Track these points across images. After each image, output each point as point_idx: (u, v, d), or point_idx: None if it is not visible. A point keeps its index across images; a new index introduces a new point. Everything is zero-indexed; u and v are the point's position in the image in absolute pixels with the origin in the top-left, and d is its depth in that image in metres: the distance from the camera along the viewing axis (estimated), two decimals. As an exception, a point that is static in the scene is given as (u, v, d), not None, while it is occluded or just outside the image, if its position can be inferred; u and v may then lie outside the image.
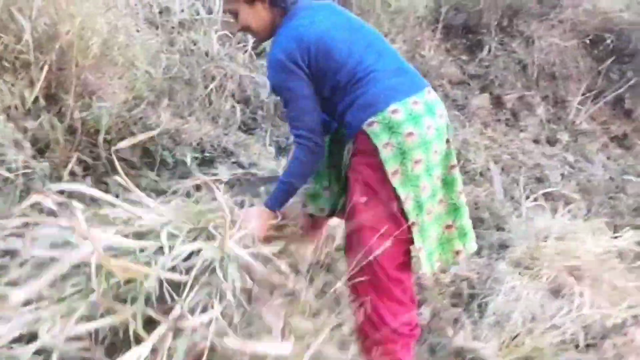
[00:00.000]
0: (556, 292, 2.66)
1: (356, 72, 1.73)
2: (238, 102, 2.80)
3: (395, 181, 1.70)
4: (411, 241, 1.80)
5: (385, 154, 1.69)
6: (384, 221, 1.73)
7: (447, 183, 1.85)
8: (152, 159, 2.26)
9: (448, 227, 1.87)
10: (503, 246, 2.90)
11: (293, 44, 1.70)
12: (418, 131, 1.72)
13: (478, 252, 2.87)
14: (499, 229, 3.17)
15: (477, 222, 3.19)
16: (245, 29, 1.82)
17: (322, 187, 2.04)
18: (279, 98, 1.81)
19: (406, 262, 1.86)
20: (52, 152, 1.77)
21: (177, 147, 2.32)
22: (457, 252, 1.90)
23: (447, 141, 1.82)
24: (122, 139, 2.14)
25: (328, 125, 1.98)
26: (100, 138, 1.86)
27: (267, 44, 2.03)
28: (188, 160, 2.30)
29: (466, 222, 1.90)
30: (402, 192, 1.71)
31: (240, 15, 1.78)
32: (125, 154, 2.08)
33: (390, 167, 1.69)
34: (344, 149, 1.94)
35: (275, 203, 1.79)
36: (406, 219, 1.75)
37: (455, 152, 1.88)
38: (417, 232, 1.77)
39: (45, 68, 1.79)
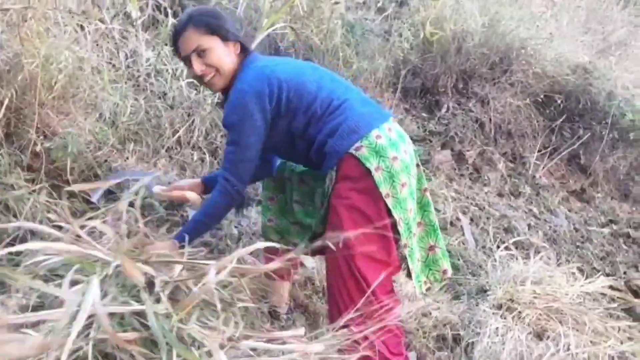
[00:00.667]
0: (540, 333, 2.60)
1: (331, 101, 1.75)
2: (204, 154, 2.73)
3: (389, 203, 1.69)
4: (398, 267, 1.76)
5: (377, 177, 1.68)
6: (376, 247, 1.70)
7: (424, 205, 1.89)
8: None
9: (431, 248, 1.90)
10: (481, 291, 2.85)
11: (261, 82, 1.70)
12: (399, 155, 1.74)
13: (458, 297, 2.80)
14: (475, 275, 3.12)
15: (453, 269, 3.12)
16: (213, 68, 1.78)
17: (289, 223, 2.01)
18: (227, 134, 1.79)
19: (393, 288, 1.80)
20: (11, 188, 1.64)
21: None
22: (444, 272, 1.94)
23: (417, 165, 1.87)
24: (85, 180, 2.04)
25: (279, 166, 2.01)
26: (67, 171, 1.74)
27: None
28: (156, 204, 2.18)
29: (443, 242, 1.94)
30: (395, 214, 1.71)
31: (212, 54, 1.75)
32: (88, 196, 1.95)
33: (382, 189, 1.68)
34: (311, 185, 1.91)
35: (183, 239, 1.69)
36: (397, 242, 1.72)
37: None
38: (408, 254, 1.76)
39: (6, 102, 1.69)
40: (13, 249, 1.21)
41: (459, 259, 3.21)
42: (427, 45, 4.86)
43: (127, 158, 2.27)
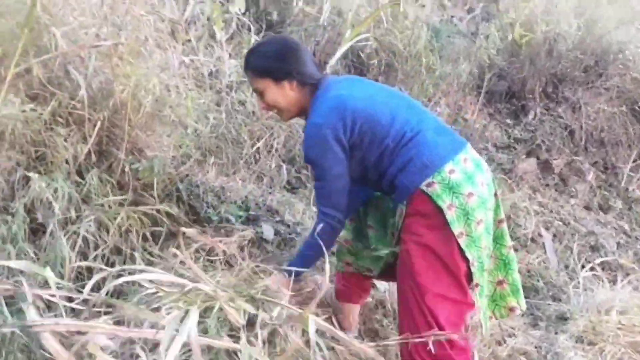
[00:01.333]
0: (623, 370, 2.45)
1: (404, 133, 1.71)
2: (283, 162, 2.79)
3: (462, 243, 1.65)
4: (472, 305, 1.71)
5: (450, 215, 1.64)
6: (448, 285, 1.67)
7: (497, 237, 1.82)
8: (197, 216, 2.23)
9: (500, 283, 1.85)
10: (562, 318, 2.72)
11: (335, 114, 1.69)
12: (476, 190, 1.68)
13: (535, 324, 2.69)
14: (555, 299, 2.98)
15: (532, 291, 3.02)
16: (272, 107, 1.82)
17: (364, 247, 1.99)
18: (310, 168, 1.79)
19: (463, 327, 1.76)
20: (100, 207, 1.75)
21: (222, 205, 2.29)
22: (512, 309, 1.87)
23: (495, 194, 1.80)
24: (167, 195, 2.15)
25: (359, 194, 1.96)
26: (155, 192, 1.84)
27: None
28: (232, 218, 2.26)
29: (517, 276, 1.87)
30: (469, 255, 1.66)
31: (266, 94, 1.79)
32: (172, 209, 2.05)
33: (455, 229, 1.64)
34: (384, 210, 1.90)
35: (293, 271, 1.77)
36: (469, 281, 1.69)
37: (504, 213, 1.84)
38: (478, 293, 1.73)
39: (98, 124, 1.80)
40: (127, 279, 1.29)
41: (538, 280, 3.08)
42: (515, 47, 4.65)
43: (208, 172, 2.36)
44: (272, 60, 1.76)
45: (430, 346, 1.59)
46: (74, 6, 1.70)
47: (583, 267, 3.35)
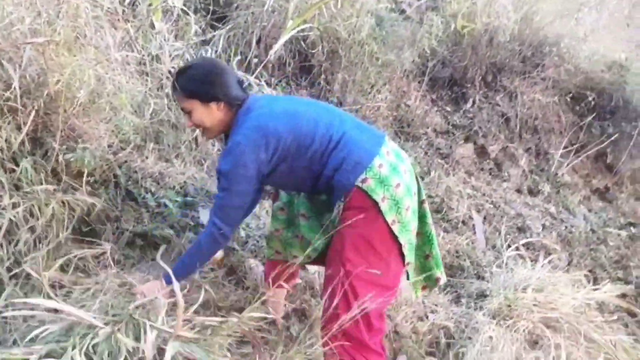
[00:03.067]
0: (533, 343, 2.68)
1: (331, 136, 1.85)
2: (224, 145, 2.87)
3: (395, 230, 1.82)
4: (396, 294, 1.90)
5: (384, 207, 1.80)
6: (384, 277, 1.83)
7: (421, 216, 1.99)
8: (135, 201, 2.30)
9: (426, 256, 2.04)
10: (482, 295, 2.94)
11: (257, 133, 1.80)
12: (402, 180, 1.85)
13: (457, 301, 2.91)
14: (479, 277, 3.20)
15: (458, 270, 3.23)
16: (198, 126, 1.92)
17: (293, 235, 2.12)
18: (217, 180, 1.89)
19: (384, 313, 1.94)
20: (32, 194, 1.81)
21: (160, 190, 2.37)
22: (437, 279, 2.09)
23: (416, 178, 1.97)
24: (105, 181, 2.21)
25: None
26: (87, 179, 1.91)
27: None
28: (169, 203, 2.34)
29: (437, 251, 2.07)
30: (402, 239, 1.84)
31: (194, 114, 1.88)
32: (107, 195, 2.12)
33: (388, 218, 1.80)
34: (317, 202, 2.04)
35: (171, 279, 1.79)
36: (402, 263, 1.88)
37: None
38: (411, 270, 1.95)
39: (32, 113, 1.84)
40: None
41: (465, 260, 3.29)
42: (458, 37, 4.83)
43: (147, 157, 2.43)
44: (199, 84, 1.85)
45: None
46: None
47: (509, 247, 3.58)
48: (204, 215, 2.40)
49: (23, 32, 1.82)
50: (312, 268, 2.38)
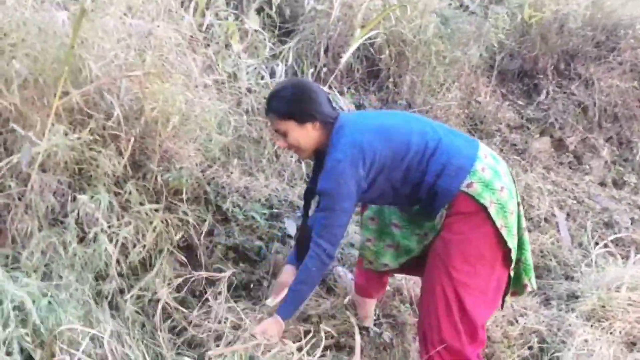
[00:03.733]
0: (631, 345, 2.57)
1: (427, 143, 1.84)
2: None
3: (504, 234, 1.81)
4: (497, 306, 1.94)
5: (492, 211, 1.79)
6: (486, 281, 1.84)
7: (521, 244, 1.94)
8: (224, 215, 2.40)
9: (517, 262, 1.96)
10: (572, 297, 2.84)
11: (354, 150, 1.80)
12: (504, 183, 1.85)
13: (547, 303, 2.83)
14: (568, 277, 3.11)
15: (544, 271, 3.14)
16: (294, 147, 1.93)
17: (385, 245, 2.12)
18: (318, 200, 1.90)
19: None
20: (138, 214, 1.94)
21: (247, 204, 2.46)
22: (525, 286, 2.03)
23: (513, 180, 1.94)
24: (196, 198, 2.32)
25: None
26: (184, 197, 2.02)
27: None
28: (257, 216, 2.42)
29: (529, 256, 2.01)
30: (510, 244, 1.83)
31: (289, 135, 1.88)
32: (200, 212, 2.22)
33: (498, 222, 1.80)
34: (411, 214, 2.03)
35: (288, 312, 1.87)
36: (506, 271, 1.89)
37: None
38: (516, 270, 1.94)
39: (132, 140, 1.97)
40: None
41: (551, 260, 3.20)
42: (525, 27, 4.70)
43: (232, 173, 2.53)
44: (294, 104, 1.86)
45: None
46: (101, 35, 1.85)
47: (597, 244, 3.45)
48: (290, 226, 2.47)
49: (118, 65, 1.94)
50: (399, 275, 2.39)
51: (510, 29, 4.48)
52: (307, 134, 1.88)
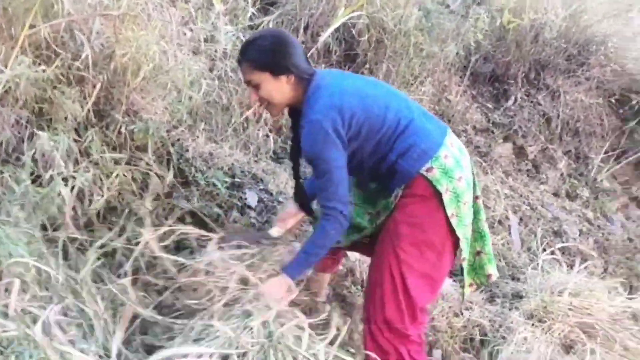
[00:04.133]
0: (567, 347, 2.67)
1: (399, 120, 1.82)
2: (270, 131, 2.90)
3: (454, 223, 1.82)
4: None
5: (446, 198, 1.80)
6: (432, 265, 1.85)
7: (475, 212, 1.96)
8: (185, 179, 2.35)
9: (478, 253, 2.00)
10: (517, 296, 2.93)
11: (333, 112, 1.75)
12: (464, 174, 1.85)
13: (492, 300, 2.90)
14: (514, 278, 3.19)
15: (494, 270, 3.22)
16: (265, 100, 1.85)
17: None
18: (312, 166, 1.85)
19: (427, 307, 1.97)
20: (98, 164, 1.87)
21: (209, 170, 2.41)
22: (489, 276, 2.04)
23: (472, 173, 1.95)
24: (159, 157, 2.26)
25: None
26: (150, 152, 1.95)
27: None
28: (218, 183, 2.38)
29: (491, 247, 2.04)
30: (459, 233, 1.85)
31: (262, 88, 1.81)
32: (161, 172, 2.16)
33: (449, 210, 1.81)
34: (367, 192, 2.03)
35: (297, 272, 1.84)
36: (453, 259, 1.91)
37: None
38: (466, 265, 1.94)
39: (98, 85, 1.89)
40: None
41: (500, 260, 3.28)
42: (502, 32, 4.76)
43: (197, 137, 2.47)
44: (271, 54, 1.78)
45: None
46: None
47: (544, 250, 3.56)
48: (251, 197, 2.44)
49: (92, 5, 1.86)
50: (354, 255, 2.40)
51: (488, 31, 4.53)
52: (280, 88, 1.81)
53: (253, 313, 1.59)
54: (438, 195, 1.79)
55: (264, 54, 1.78)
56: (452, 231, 1.84)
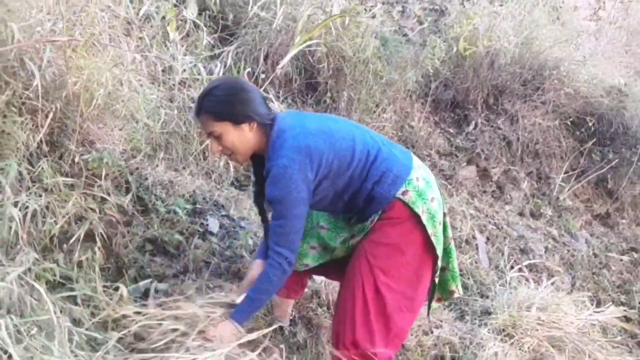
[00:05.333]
0: (538, 360, 2.68)
1: (368, 151, 1.85)
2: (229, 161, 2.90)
3: (434, 242, 1.85)
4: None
5: (424, 218, 1.82)
6: (409, 285, 1.86)
7: (442, 229, 1.96)
8: (145, 207, 2.32)
9: (443, 269, 2.00)
10: (486, 313, 2.94)
11: (300, 155, 1.74)
12: (435, 194, 1.89)
13: (461, 318, 2.90)
14: (483, 296, 3.21)
15: (462, 288, 3.22)
16: (229, 150, 1.81)
17: (309, 246, 2.10)
18: (272, 208, 1.83)
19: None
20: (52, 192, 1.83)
21: (170, 198, 2.39)
22: (452, 292, 2.06)
23: (440, 193, 1.97)
24: (117, 186, 2.23)
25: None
26: (104, 182, 1.92)
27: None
28: (179, 210, 2.35)
29: (456, 264, 2.05)
30: (438, 251, 1.87)
31: (224, 138, 1.77)
32: (119, 200, 2.13)
33: (430, 230, 1.83)
34: (339, 218, 2.05)
35: (243, 318, 1.81)
36: (431, 279, 1.91)
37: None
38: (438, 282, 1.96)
39: (50, 115, 1.87)
40: None
41: (469, 278, 3.30)
42: (460, 59, 4.90)
43: (157, 165, 2.45)
44: (229, 104, 1.75)
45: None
46: (31, 4, 1.77)
47: (512, 267, 3.60)
48: (213, 224, 2.41)
49: (43, 34, 1.86)
50: (319, 278, 2.38)
51: (446, 59, 4.67)
52: (243, 136, 1.77)
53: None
54: (414, 216, 1.82)
55: (221, 105, 1.75)
56: (428, 251, 1.86)
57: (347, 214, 1.98)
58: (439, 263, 1.90)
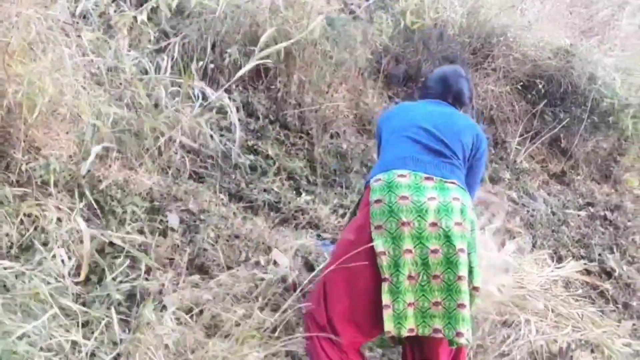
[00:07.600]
0: (504, 321, 2.76)
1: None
2: (189, 152, 2.87)
3: (374, 234, 1.84)
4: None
5: (373, 209, 1.86)
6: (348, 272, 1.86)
7: (450, 263, 1.87)
8: (102, 210, 2.28)
9: (436, 303, 1.88)
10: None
11: None
12: (420, 199, 1.86)
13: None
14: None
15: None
16: None
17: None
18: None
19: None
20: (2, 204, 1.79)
21: (126, 198, 2.35)
22: (435, 330, 1.89)
23: (459, 223, 1.89)
24: (70, 191, 2.18)
25: None
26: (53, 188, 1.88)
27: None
28: (137, 209, 2.32)
29: (462, 311, 1.88)
30: (380, 247, 1.83)
31: None
32: (72, 205, 2.09)
33: (375, 221, 1.85)
34: None
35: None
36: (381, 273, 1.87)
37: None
38: (387, 289, 1.86)
39: (-9, 124, 1.82)
40: None
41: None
42: (408, 33, 4.93)
43: (110, 166, 2.41)
44: None
45: None
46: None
47: (475, 233, 3.69)
48: (173, 219, 2.39)
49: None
50: (285, 262, 2.40)
51: (394, 34, 4.69)
52: None
53: None
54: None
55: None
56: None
57: None
58: (381, 262, 1.83)
